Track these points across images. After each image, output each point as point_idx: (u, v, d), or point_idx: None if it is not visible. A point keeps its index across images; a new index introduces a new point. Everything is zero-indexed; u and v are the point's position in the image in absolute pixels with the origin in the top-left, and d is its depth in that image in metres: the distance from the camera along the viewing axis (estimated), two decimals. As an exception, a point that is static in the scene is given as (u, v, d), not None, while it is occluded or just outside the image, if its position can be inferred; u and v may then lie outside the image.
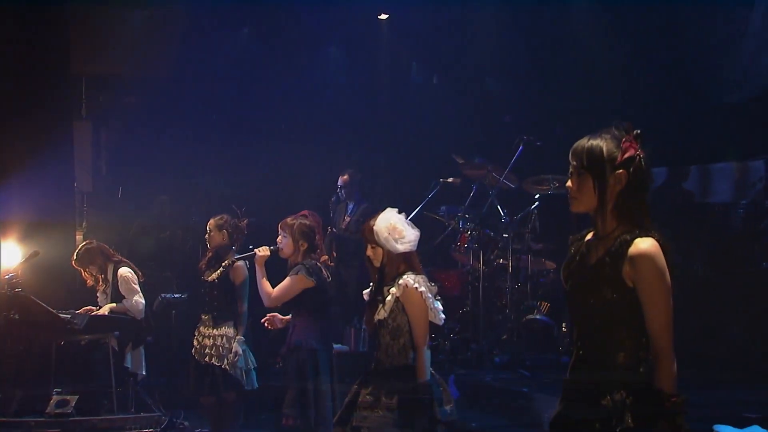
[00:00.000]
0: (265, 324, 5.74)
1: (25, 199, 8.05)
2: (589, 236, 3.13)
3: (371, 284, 4.68)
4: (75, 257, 7.30)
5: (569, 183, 3.07)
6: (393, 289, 4.48)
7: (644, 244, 2.89)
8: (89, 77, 10.72)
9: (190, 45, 10.52)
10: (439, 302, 4.54)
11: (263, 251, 5.66)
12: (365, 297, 4.73)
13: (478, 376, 7.96)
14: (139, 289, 7.25)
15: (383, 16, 11.20)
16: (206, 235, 6.62)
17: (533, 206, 8.64)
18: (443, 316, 4.57)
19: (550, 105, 10.12)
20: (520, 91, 10.54)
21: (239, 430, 6.75)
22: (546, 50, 10.20)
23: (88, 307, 7.27)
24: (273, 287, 5.58)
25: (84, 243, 7.49)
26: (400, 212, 4.62)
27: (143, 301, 7.24)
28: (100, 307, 7.30)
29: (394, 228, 4.52)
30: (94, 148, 10.58)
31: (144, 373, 7.31)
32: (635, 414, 2.84)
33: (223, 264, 6.44)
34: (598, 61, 9.71)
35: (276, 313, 5.73)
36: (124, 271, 7.25)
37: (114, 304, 7.20)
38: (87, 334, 7.03)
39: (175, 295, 8.33)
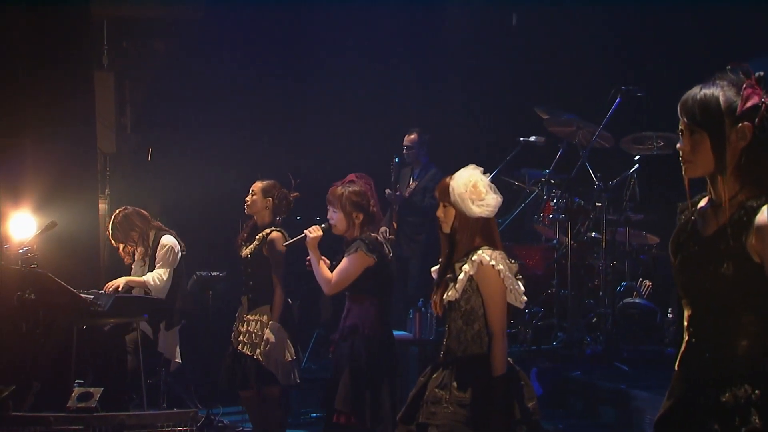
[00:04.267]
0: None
1: (39, 162, 8.16)
2: (702, 203, 3.08)
3: (440, 259, 4.67)
4: (112, 230, 7.43)
5: (679, 145, 3.01)
6: (466, 266, 4.44)
7: (775, 212, 2.83)
8: (112, 20, 10.79)
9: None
10: (520, 282, 4.50)
11: (315, 232, 5.64)
12: (433, 275, 4.71)
13: (565, 369, 7.94)
14: (173, 264, 7.34)
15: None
16: (247, 197, 6.66)
17: (632, 169, 8.53)
18: (525, 298, 4.53)
19: (655, 47, 9.91)
20: (617, 31, 10.34)
21: (285, 429, 6.83)
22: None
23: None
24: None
25: (118, 210, 7.58)
26: (484, 173, 4.59)
27: (167, 279, 7.30)
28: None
29: (474, 187, 4.48)
30: (117, 103, 10.64)
31: (179, 361, 7.42)
32: (765, 413, 2.80)
33: (257, 237, 6.49)
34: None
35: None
36: (168, 240, 7.35)
37: (131, 278, 7.31)
38: (113, 317, 7.11)
39: (212, 273, 8.41)
